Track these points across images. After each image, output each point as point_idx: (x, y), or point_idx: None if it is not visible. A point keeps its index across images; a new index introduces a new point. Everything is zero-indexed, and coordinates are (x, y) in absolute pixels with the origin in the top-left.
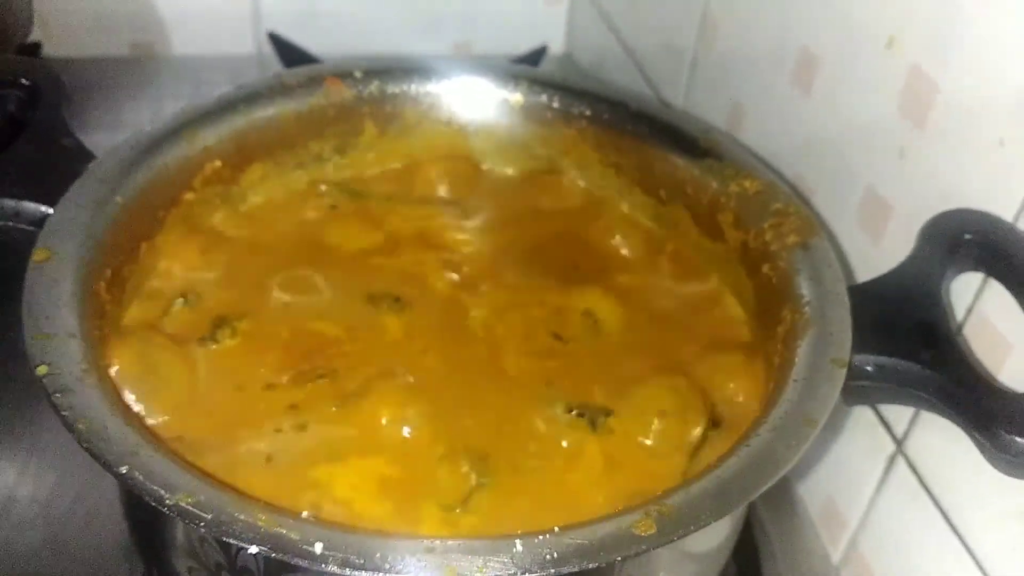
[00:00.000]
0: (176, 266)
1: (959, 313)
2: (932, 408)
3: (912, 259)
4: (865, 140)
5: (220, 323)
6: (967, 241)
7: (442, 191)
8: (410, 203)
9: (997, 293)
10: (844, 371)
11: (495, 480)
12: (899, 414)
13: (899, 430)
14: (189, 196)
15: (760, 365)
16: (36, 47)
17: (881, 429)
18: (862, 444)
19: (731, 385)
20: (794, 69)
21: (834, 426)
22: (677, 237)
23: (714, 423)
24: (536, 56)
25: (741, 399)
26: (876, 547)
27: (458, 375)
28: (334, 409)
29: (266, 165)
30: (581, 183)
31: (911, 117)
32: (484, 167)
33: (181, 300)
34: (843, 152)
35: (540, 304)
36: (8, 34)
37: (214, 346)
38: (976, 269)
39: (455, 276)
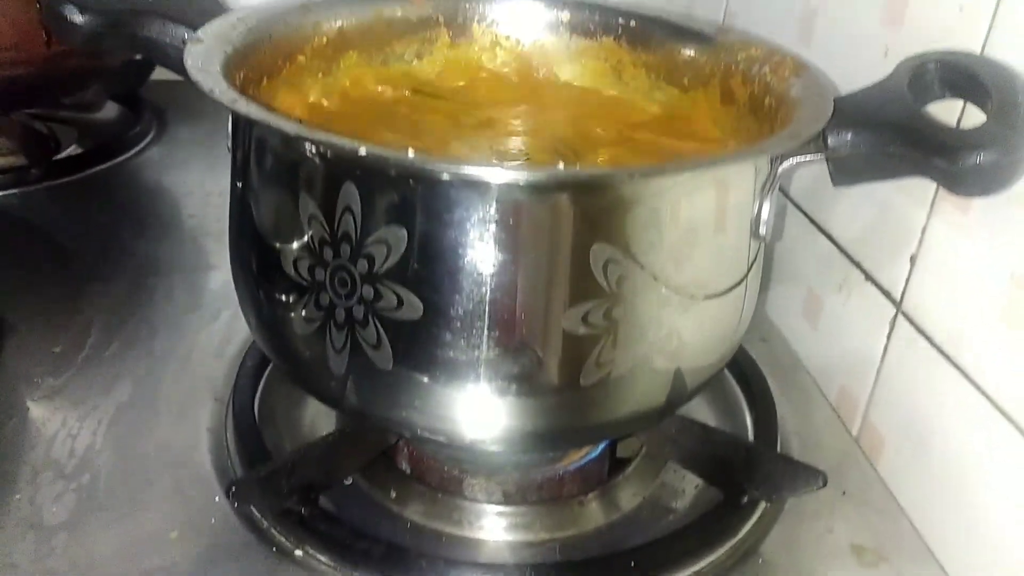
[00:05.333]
0: (286, 109)
1: None
2: (903, 163)
3: (884, 80)
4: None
5: None
6: (930, 68)
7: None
8: (470, 102)
9: None
10: (823, 122)
11: None
12: (895, 277)
13: (897, 292)
14: (301, 59)
15: None
16: None
17: (882, 299)
18: (866, 323)
19: None
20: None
21: (841, 317)
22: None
23: None
24: None
25: None
26: (887, 416)
27: None
28: None
29: (360, 55)
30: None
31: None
32: (537, 75)
33: None
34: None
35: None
36: None
37: None
38: (941, 94)
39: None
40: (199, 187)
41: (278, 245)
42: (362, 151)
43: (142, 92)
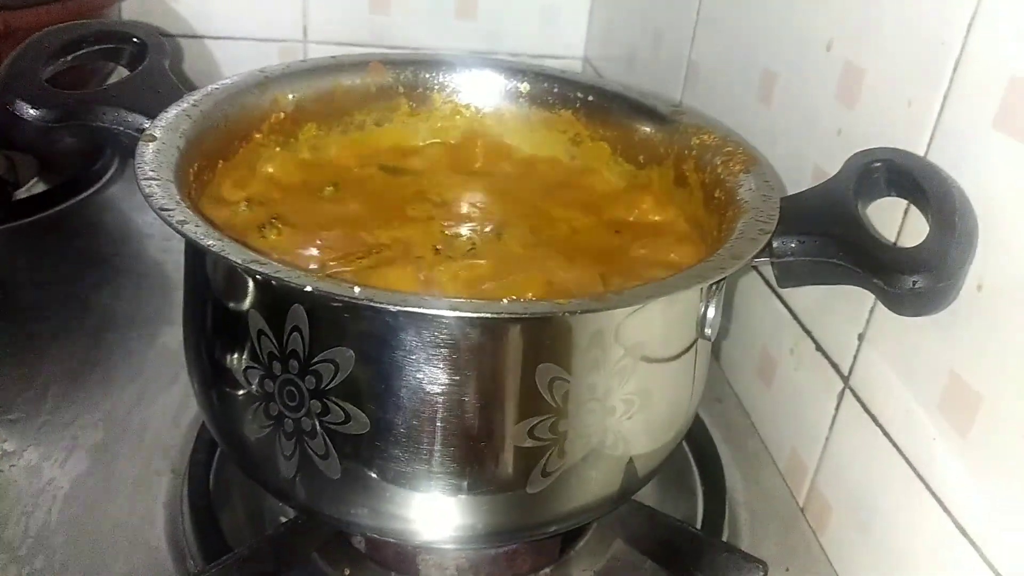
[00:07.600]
0: (240, 187)
1: None
2: (845, 275)
3: (832, 179)
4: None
5: (274, 220)
6: (877, 168)
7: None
8: (428, 175)
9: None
10: (767, 236)
11: None
12: (843, 351)
13: (845, 366)
14: (258, 136)
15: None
16: None
17: (831, 371)
18: (816, 390)
19: (671, 255)
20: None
21: (793, 381)
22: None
23: None
24: None
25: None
26: (833, 484)
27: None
28: None
29: (319, 126)
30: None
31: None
32: (493, 144)
33: (244, 204)
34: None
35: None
36: None
37: (273, 235)
38: (887, 192)
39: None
40: (161, 227)
41: (229, 355)
42: (308, 288)
43: None
